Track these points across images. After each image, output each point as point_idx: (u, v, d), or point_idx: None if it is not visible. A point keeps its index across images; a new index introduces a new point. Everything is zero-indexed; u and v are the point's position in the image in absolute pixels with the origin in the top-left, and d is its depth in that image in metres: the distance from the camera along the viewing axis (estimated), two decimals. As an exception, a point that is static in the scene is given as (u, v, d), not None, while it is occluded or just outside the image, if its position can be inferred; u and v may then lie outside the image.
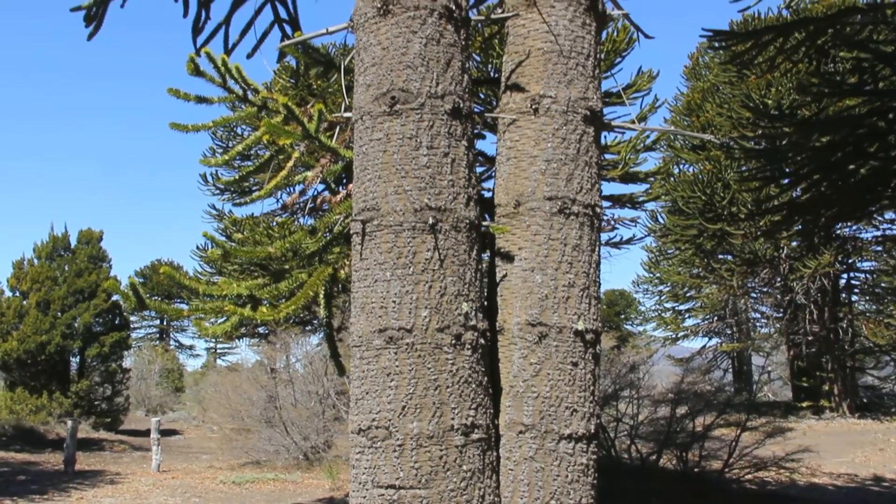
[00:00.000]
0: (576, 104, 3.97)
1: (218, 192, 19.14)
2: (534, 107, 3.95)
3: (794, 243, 20.19)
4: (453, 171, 3.69)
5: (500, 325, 3.95)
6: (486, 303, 3.94)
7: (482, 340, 3.73)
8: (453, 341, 3.59)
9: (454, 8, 3.79)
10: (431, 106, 3.67)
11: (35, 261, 22.90)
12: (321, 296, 4.37)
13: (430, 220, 3.59)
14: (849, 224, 19.44)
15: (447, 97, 3.70)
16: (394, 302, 3.59)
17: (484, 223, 3.92)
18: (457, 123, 3.73)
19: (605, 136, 13.18)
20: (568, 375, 3.81)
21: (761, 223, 16.46)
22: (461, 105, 3.76)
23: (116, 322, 23.85)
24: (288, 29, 6.92)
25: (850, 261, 23.12)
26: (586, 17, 4.05)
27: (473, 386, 3.64)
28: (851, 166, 7.98)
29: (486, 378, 3.74)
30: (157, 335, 50.86)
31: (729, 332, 28.84)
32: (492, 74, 12.87)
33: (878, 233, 21.23)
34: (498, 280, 4.02)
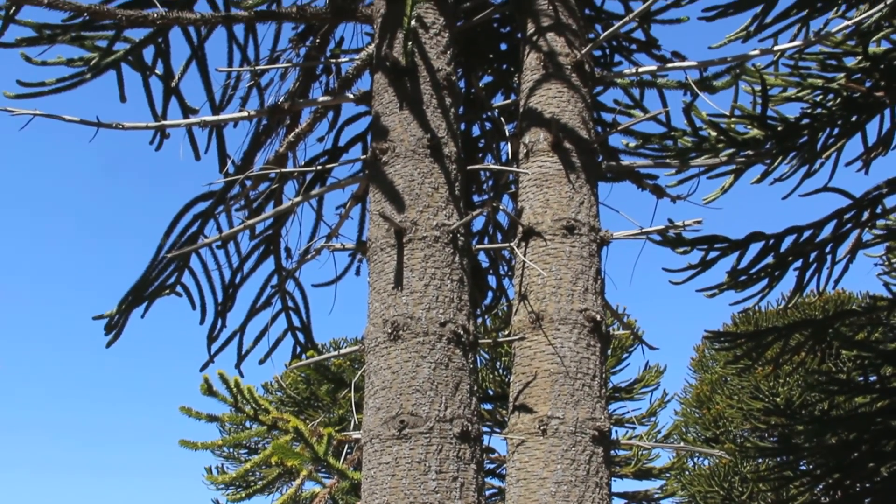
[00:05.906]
0: (584, 425, 3.98)
1: (223, 486, 18.75)
2: (542, 428, 3.96)
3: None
4: (462, 496, 3.64)
5: None
6: None
7: None
8: None
9: (462, 333, 3.93)
10: (440, 430, 3.69)
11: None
12: None
13: (439, 551, 3.49)
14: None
15: (456, 420, 3.73)
16: None
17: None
18: (465, 447, 3.73)
19: (616, 431, 13.06)
20: None
21: (785, 521, 15.82)
22: (469, 428, 3.78)
23: None
24: (300, 336, 7.12)
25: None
26: (591, 339, 4.16)
27: None
28: (871, 464, 7.83)
29: None
30: None
31: None
32: (498, 370, 13.08)
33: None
34: None
